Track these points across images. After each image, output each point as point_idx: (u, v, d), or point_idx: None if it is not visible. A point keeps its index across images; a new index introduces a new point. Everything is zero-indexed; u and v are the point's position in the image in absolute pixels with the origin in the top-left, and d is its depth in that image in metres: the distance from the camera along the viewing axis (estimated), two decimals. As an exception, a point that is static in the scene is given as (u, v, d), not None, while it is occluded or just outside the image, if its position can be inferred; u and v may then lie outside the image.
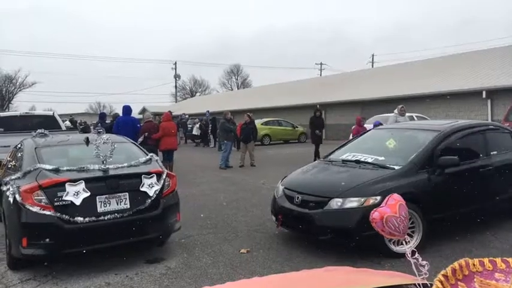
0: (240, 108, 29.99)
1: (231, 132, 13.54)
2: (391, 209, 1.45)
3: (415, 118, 15.50)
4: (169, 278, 4.21)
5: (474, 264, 0.86)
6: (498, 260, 0.88)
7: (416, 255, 1.27)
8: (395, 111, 11.05)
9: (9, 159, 5.52)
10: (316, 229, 4.69)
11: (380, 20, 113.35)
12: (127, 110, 10.52)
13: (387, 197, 1.80)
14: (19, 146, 5.43)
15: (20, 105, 55.53)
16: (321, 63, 57.86)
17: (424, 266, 1.20)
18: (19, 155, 5.07)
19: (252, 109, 27.08)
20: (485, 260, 0.88)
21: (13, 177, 4.46)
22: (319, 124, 13.61)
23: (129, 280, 4.18)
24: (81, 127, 23.57)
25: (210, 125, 22.25)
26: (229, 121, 13.72)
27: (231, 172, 12.07)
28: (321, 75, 53.87)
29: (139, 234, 4.54)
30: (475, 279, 0.79)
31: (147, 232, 4.59)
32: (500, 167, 5.42)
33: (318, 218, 4.63)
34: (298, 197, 4.95)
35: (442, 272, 0.85)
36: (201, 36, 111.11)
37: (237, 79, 70.06)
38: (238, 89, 65.22)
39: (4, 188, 4.49)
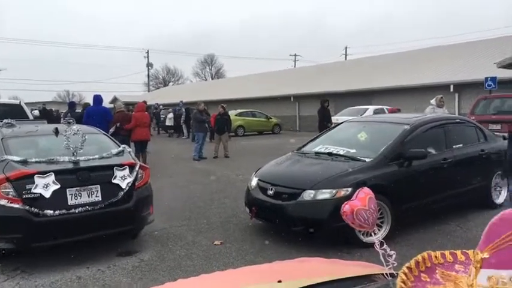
0: (214, 99, 29.83)
1: (204, 123, 13.47)
2: (361, 202, 1.50)
3: (386, 111, 15.87)
4: (142, 271, 4.19)
5: (436, 257, 0.91)
6: (458, 252, 0.94)
7: (385, 245, 1.33)
8: (433, 101, 9.21)
9: (-27, 150, 5.31)
10: (289, 220, 4.76)
11: (357, 13, 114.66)
12: (98, 99, 10.27)
13: (357, 191, 1.87)
14: (-16, 136, 5.23)
15: (-16, 93, 53.20)
16: (295, 55, 58.14)
17: (391, 256, 1.26)
18: (-16, 146, 4.89)
19: (226, 100, 26.97)
20: (446, 253, 0.93)
21: (-22, 169, 4.31)
22: (327, 115, 13.54)
23: (101, 273, 4.13)
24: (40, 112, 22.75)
25: (183, 116, 22.04)
26: (202, 112, 13.62)
27: (205, 163, 12.03)
28: (295, 66, 54.12)
29: (112, 227, 4.49)
30: (437, 271, 0.85)
31: (119, 225, 4.55)
32: (465, 159, 5.66)
33: (291, 209, 4.70)
34: (271, 189, 5.00)
35: (406, 264, 0.90)
36: (175, 26, 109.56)
37: (210, 69, 69.51)
38: (212, 79, 64.73)
39: (-32, 181, 4.33)
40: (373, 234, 1.57)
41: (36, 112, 22.63)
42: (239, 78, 42.49)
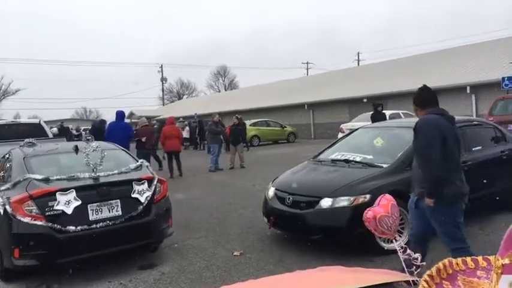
0: (228, 110, 30.00)
1: (219, 134, 13.56)
2: (383, 209, 1.50)
3: (402, 115, 15.68)
4: (163, 283, 4.22)
5: (457, 263, 0.91)
6: (480, 258, 0.94)
7: (408, 251, 1.33)
8: None
9: (-3, 170, 5.47)
10: (307, 229, 4.75)
11: (368, 18, 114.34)
12: (120, 115, 10.36)
13: (379, 197, 1.85)
14: (7, 156, 5.37)
15: (5, 112, 54.64)
16: (307, 63, 58.15)
17: (417, 259, 1.25)
18: (8, 165, 5.03)
19: (240, 110, 27.11)
20: (468, 259, 0.93)
21: (2, 188, 4.43)
22: (381, 119, 12.03)
23: (123, 287, 4.18)
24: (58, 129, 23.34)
25: (197, 128, 22.21)
26: (217, 123, 13.72)
27: (221, 174, 12.08)
28: (307, 74, 54.12)
29: (132, 241, 4.55)
30: (458, 278, 0.85)
31: (139, 238, 4.60)
32: (485, 161, 5.55)
33: (309, 217, 4.69)
34: (289, 198, 5.00)
35: (428, 272, 0.90)
36: (187, 40, 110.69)
37: (224, 80, 70.01)
38: (225, 90, 65.16)
39: (-7, 200, 4.45)
40: (394, 240, 1.56)
41: (55, 130, 23.12)
42: (252, 88, 42.68)
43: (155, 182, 4.80)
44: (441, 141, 3.24)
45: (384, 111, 12.78)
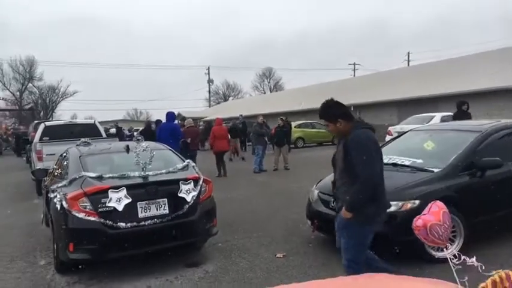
0: (273, 112, 30.03)
1: (263, 136, 13.62)
2: (434, 217, 1.43)
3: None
4: (207, 282, 4.29)
5: (516, 277, 0.86)
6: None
7: (462, 257, 1.25)
8: None
9: (55, 167, 5.81)
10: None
11: (418, 17, 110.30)
12: (169, 116, 10.48)
13: (430, 204, 1.76)
14: (64, 154, 5.70)
15: (63, 113, 58.13)
16: (354, 64, 57.06)
17: (473, 263, 1.18)
18: (65, 163, 5.34)
19: (285, 112, 27.05)
20: (528, 273, 0.87)
21: (60, 184, 4.70)
22: (467, 119, 10.41)
23: (170, 284, 4.30)
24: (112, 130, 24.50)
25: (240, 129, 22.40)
26: (261, 125, 13.80)
27: (265, 176, 12.11)
28: (354, 75, 53.07)
29: (178, 239, 4.67)
30: (516, 292, 0.79)
31: (185, 237, 4.71)
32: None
33: (355, 222, 4.58)
34: (333, 201, 4.91)
35: (482, 284, 0.85)
36: (233, 42, 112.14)
37: (269, 82, 70.28)
38: (270, 92, 65.32)
39: (52, 195, 4.73)
40: (445, 249, 1.49)
41: (113, 130, 24.40)
42: (298, 89, 42.48)
43: (201, 182, 4.89)
44: None
45: (469, 111, 11.06)
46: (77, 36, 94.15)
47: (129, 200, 4.35)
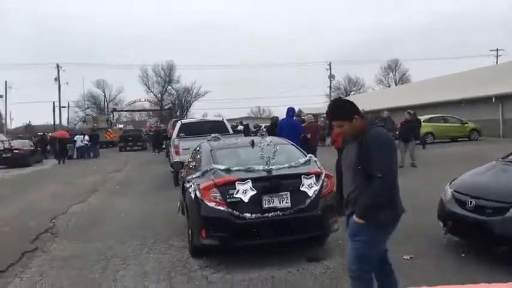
0: (399, 105, 28.30)
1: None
2: None
3: None
4: (329, 278, 4.27)
5: None
6: None
7: None
8: None
9: (190, 160, 6.41)
10: (493, 239, 4.16)
11: None
12: (290, 112, 10.57)
13: None
14: (198, 148, 6.25)
15: (196, 112, 63.70)
16: (497, 49, 50.51)
17: None
18: (198, 156, 5.85)
19: (413, 106, 25.25)
20: None
21: (194, 176, 5.16)
22: None
23: (292, 276, 4.39)
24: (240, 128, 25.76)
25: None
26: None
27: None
28: (497, 62, 46.94)
29: (300, 233, 4.74)
30: None
31: (306, 231, 4.76)
32: None
33: (497, 226, 4.10)
34: (471, 202, 4.46)
35: None
36: (355, 35, 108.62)
37: (394, 75, 66.53)
38: (396, 85, 61.78)
39: (187, 185, 5.23)
40: None
41: (241, 127, 25.90)
42: (426, 81, 39.25)
43: (323, 177, 4.88)
44: None
45: None
46: (205, 40, 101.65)
47: (254, 192, 4.56)
